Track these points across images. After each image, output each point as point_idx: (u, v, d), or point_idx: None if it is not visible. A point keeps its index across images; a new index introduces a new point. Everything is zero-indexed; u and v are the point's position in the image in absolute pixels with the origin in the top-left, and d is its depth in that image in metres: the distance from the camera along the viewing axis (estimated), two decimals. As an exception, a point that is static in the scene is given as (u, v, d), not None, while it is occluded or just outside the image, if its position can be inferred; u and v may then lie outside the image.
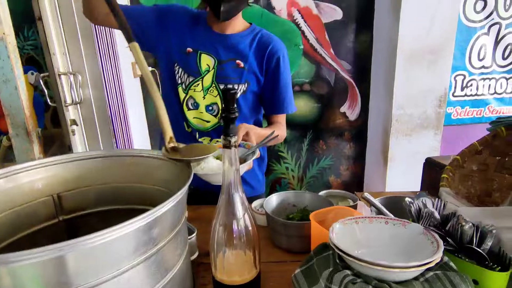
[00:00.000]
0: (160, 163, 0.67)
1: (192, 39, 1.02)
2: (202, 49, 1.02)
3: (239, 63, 1.03)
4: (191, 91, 1.04)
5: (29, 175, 0.64)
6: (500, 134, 0.69)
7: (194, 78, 1.03)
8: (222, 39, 1.03)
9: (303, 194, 0.84)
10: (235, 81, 1.04)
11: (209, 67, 1.02)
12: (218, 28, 1.03)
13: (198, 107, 1.05)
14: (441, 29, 1.60)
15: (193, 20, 1.04)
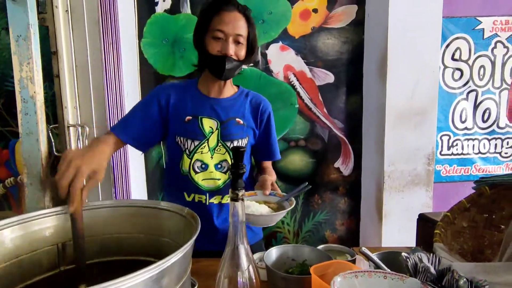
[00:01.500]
0: (167, 215, 0.69)
1: (190, 108, 1.10)
2: (202, 114, 1.10)
3: (239, 121, 1.13)
4: (198, 154, 1.10)
5: (39, 224, 0.66)
6: (485, 193, 0.74)
7: (199, 141, 1.09)
8: (219, 102, 1.12)
9: (302, 248, 0.85)
10: (238, 136, 1.12)
11: (212, 128, 1.10)
12: (215, 94, 1.12)
13: (207, 168, 1.11)
14: (424, 93, 1.76)
15: (184, 91, 1.13)
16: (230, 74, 1.05)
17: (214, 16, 1.02)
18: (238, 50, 1.03)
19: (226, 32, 1.00)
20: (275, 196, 1.04)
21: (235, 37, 1.01)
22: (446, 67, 2.01)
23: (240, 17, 1.03)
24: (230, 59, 1.01)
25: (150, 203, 0.73)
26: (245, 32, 1.03)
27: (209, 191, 1.12)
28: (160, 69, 2.00)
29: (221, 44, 1.01)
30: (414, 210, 1.58)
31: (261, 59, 2.03)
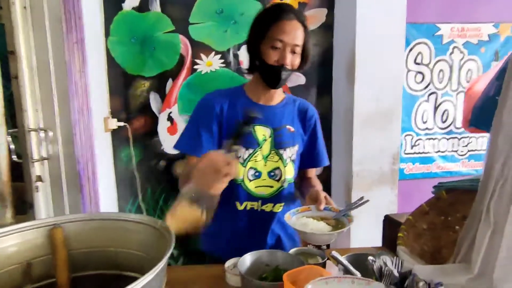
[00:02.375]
0: (140, 227, 0.68)
1: (243, 116, 1.07)
2: (255, 122, 1.08)
3: (290, 128, 1.14)
4: (251, 162, 1.10)
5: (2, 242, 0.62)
6: (442, 197, 0.80)
7: (253, 149, 1.09)
8: (272, 109, 1.12)
9: (275, 253, 0.88)
10: (290, 144, 1.13)
11: (265, 136, 1.10)
12: (265, 101, 1.12)
13: (260, 176, 1.12)
14: (390, 96, 1.84)
15: (234, 100, 1.11)
16: (283, 83, 1.06)
17: (273, 24, 1.01)
18: (294, 60, 1.03)
19: (286, 41, 0.99)
20: (330, 211, 1.02)
21: (292, 47, 1.01)
22: (409, 70, 2.11)
23: (298, 26, 1.01)
24: (286, 69, 1.01)
25: (121, 215, 0.71)
26: (301, 42, 1.03)
27: (261, 198, 1.13)
28: (129, 69, 1.93)
29: (279, 54, 1.01)
30: (380, 207, 1.66)
31: (233, 60, 2.02)
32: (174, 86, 1.99)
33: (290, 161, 1.15)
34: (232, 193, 1.13)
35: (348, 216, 1.01)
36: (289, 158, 1.15)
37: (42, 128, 1.33)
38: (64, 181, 1.40)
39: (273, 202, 1.15)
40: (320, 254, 0.95)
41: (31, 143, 1.30)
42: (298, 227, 0.95)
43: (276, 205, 1.16)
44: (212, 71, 2.02)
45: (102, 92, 1.83)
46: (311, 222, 0.99)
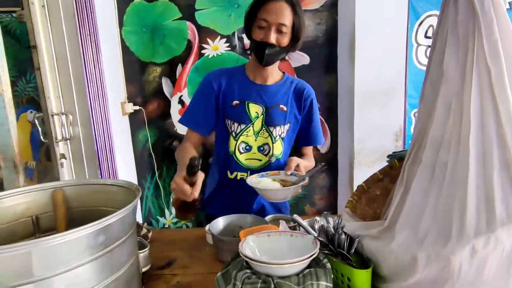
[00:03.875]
0: (119, 189, 0.83)
1: (238, 93, 1.20)
2: (249, 99, 1.20)
3: (282, 107, 1.22)
4: (243, 136, 1.21)
5: (13, 200, 0.79)
6: (395, 165, 0.86)
7: (245, 125, 1.21)
8: (266, 89, 1.21)
9: (246, 216, 0.99)
10: (281, 123, 1.22)
11: (258, 114, 1.20)
12: (261, 80, 1.22)
13: (250, 149, 1.23)
14: (391, 73, 1.83)
15: (233, 77, 1.22)
16: (270, 60, 1.13)
17: (261, 6, 1.10)
18: (281, 38, 1.10)
19: (269, 21, 1.08)
20: (294, 177, 1.10)
21: (277, 26, 1.08)
22: (419, 44, 2.05)
23: (285, 7, 1.09)
24: (271, 46, 1.08)
25: (107, 181, 0.86)
26: (288, 22, 1.09)
27: (250, 169, 1.25)
28: (142, 56, 2.09)
29: (264, 32, 1.09)
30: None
31: (238, 43, 2.10)
32: (183, 70, 2.12)
33: (280, 138, 1.24)
34: (225, 162, 1.26)
35: (303, 180, 1.05)
36: (279, 136, 1.24)
37: (63, 112, 1.53)
38: (84, 159, 1.60)
39: None
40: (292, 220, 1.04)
41: (55, 125, 1.50)
42: (253, 184, 1.03)
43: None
44: (218, 54, 2.12)
45: (119, 79, 2.01)
46: (266, 180, 1.07)
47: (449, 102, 0.57)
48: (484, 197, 0.48)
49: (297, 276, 0.59)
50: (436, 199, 0.53)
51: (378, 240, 0.61)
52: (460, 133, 0.54)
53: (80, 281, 0.58)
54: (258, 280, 0.59)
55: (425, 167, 0.58)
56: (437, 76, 0.60)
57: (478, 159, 0.51)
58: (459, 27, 0.57)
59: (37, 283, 0.54)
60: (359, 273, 0.61)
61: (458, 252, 0.47)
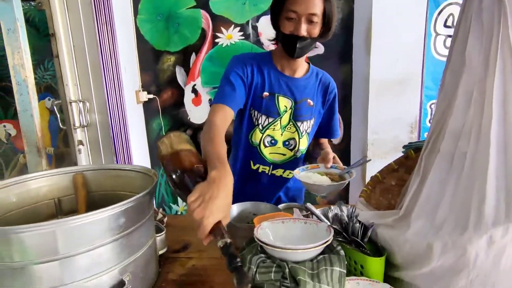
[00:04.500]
0: (136, 175, 0.85)
1: (268, 84, 1.15)
2: (279, 92, 1.15)
3: (310, 102, 1.19)
4: (270, 130, 1.17)
5: (37, 183, 0.83)
6: (411, 155, 0.85)
7: (273, 118, 1.16)
8: (295, 82, 1.17)
9: (260, 204, 1.00)
10: (308, 118, 1.20)
11: (286, 107, 1.16)
12: (289, 72, 1.17)
13: (276, 144, 1.20)
14: (407, 63, 1.79)
15: (262, 65, 1.15)
16: (302, 53, 1.08)
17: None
18: (311, 29, 1.03)
19: (299, 12, 1.00)
20: (336, 169, 1.13)
21: (307, 17, 1.01)
22: (438, 34, 2.00)
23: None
24: (302, 38, 1.02)
25: (126, 167, 0.89)
26: (319, 10, 1.02)
27: (273, 163, 1.23)
28: (156, 45, 2.10)
29: (294, 25, 1.02)
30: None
31: (252, 31, 2.09)
32: (197, 59, 2.13)
33: (306, 133, 1.22)
34: (248, 154, 1.23)
35: (350, 173, 1.09)
36: (305, 131, 1.21)
37: (81, 100, 1.56)
38: (101, 145, 1.64)
39: (283, 168, 1.24)
40: (304, 209, 1.05)
41: (73, 112, 1.54)
42: (304, 179, 1.06)
43: (286, 171, 1.25)
44: (232, 43, 2.11)
45: (134, 68, 2.04)
46: (315, 175, 1.09)
47: (471, 91, 0.56)
48: (504, 188, 0.47)
49: (311, 262, 0.60)
50: (454, 189, 0.53)
51: (393, 228, 0.61)
52: (481, 123, 0.53)
53: (101, 260, 0.61)
54: (272, 264, 0.60)
55: (443, 157, 0.57)
56: (459, 64, 0.59)
57: (499, 149, 0.50)
58: (483, 14, 0.55)
59: (62, 261, 0.56)
60: (373, 260, 0.61)
61: (475, 241, 0.47)
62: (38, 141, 0.83)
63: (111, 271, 0.62)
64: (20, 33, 0.78)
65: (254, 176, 1.26)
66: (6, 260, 0.54)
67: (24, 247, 0.54)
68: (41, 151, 0.85)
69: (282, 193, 1.32)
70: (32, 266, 0.55)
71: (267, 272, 0.60)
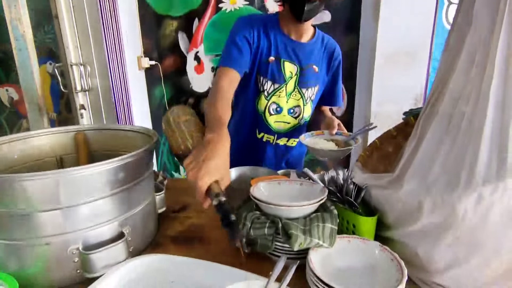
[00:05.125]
0: (136, 135, 0.86)
1: (274, 48, 1.10)
2: (284, 57, 1.11)
3: (315, 68, 1.16)
4: (275, 97, 1.14)
5: (39, 140, 0.84)
6: (410, 122, 0.84)
7: (279, 84, 1.13)
8: (302, 47, 1.12)
9: (258, 168, 1.01)
10: (313, 84, 1.17)
11: (291, 73, 1.13)
12: (296, 36, 1.12)
13: (281, 111, 1.17)
14: (416, 35, 1.73)
15: (269, 28, 1.10)
16: (309, 15, 1.04)
17: None
18: None
19: None
20: (341, 136, 1.12)
21: None
22: (450, 3, 1.92)
23: None
24: (310, 0, 0.98)
25: (126, 127, 0.90)
26: None
27: (277, 132, 1.21)
28: (158, 9, 2.05)
29: None
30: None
31: (257, -3, 2.02)
32: (200, 25, 2.08)
33: (310, 100, 1.20)
34: (253, 122, 1.20)
35: (356, 139, 1.09)
36: (309, 98, 1.19)
37: (82, 63, 1.55)
38: (103, 110, 1.64)
39: (287, 137, 1.23)
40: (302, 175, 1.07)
41: (74, 76, 1.53)
42: (310, 145, 1.06)
43: (290, 140, 1.24)
44: (236, 9, 2.05)
45: (135, 33, 1.99)
46: (321, 141, 1.09)
47: (474, 51, 0.55)
48: (498, 146, 0.47)
49: (304, 219, 0.62)
50: (449, 149, 0.53)
51: (386, 189, 0.62)
52: (482, 84, 0.53)
53: (101, 212, 0.63)
54: (266, 220, 0.62)
55: (441, 118, 0.57)
56: (465, 24, 0.57)
57: (496, 108, 0.50)
58: (494, -31, 0.53)
59: (64, 210, 0.59)
60: (364, 220, 0.63)
61: (464, 199, 0.48)
62: (39, 99, 0.83)
63: (111, 223, 0.65)
64: (16, -14, 0.76)
65: (258, 145, 1.25)
66: (11, 207, 0.56)
67: (27, 195, 0.56)
68: (42, 109, 0.85)
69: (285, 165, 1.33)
70: (35, 213, 0.57)
71: (261, 227, 0.62)
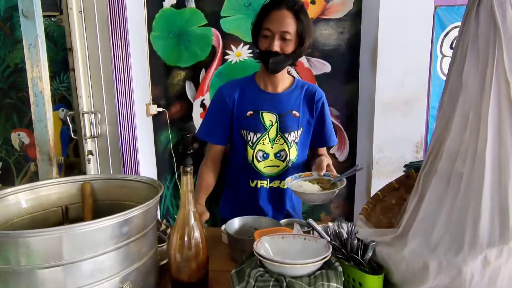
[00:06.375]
0: (142, 185, 0.87)
1: (251, 104, 1.24)
2: (262, 109, 1.24)
3: (295, 113, 1.25)
4: (260, 145, 1.25)
5: (47, 190, 0.86)
6: (411, 175, 0.86)
7: (261, 133, 1.24)
8: (277, 97, 1.25)
9: (261, 218, 1.01)
10: (295, 128, 1.26)
11: (272, 122, 1.24)
12: (272, 88, 1.25)
13: (268, 157, 1.26)
14: (413, 83, 1.81)
15: (245, 88, 1.27)
16: (277, 68, 1.16)
17: (265, 16, 1.15)
18: (285, 46, 1.13)
19: (273, 30, 1.11)
20: (329, 177, 1.13)
21: (281, 34, 1.11)
22: (444, 56, 2.02)
23: (288, 14, 1.12)
24: (275, 54, 1.11)
25: (132, 177, 0.91)
26: (292, 29, 1.11)
27: (269, 176, 1.29)
28: (168, 60, 2.17)
29: (268, 41, 1.13)
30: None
31: (261, 50, 2.15)
32: (206, 75, 2.19)
33: (294, 143, 1.27)
34: (245, 172, 1.29)
35: (341, 180, 1.09)
36: (293, 141, 1.27)
37: (93, 111, 1.62)
38: (110, 156, 1.68)
39: (280, 179, 1.29)
40: (306, 225, 1.05)
41: (84, 123, 1.59)
42: (294, 188, 1.07)
43: (283, 182, 1.29)
44: (241, 60, 2.17)
45: (145, 82, 2.10)
46: (306, 184, 1.09)
47: (467, 113, 0.58)
48: (499, 208, 0.48)
49: (309, 277, 0.61)
50: (450, 209, 0.53)
51: (390, 246, 0.61)
52: (477, 145, 0.55)
53: (104, 267, 0.63)
54: (270, 278, 0.61)
55: (440, 177, 0.58)
56: (456, 86, 0.61)
57: (494, 171, 0.51)
58: (479, 39, 0.58)
59: (66, 266, 0.58)
60: (371, 278, 0.62)
61: (470, 262, 0.47)
62: (50, 151, 0.86)
63: (113, 278, 0.64)
64: (40, 48, 0.83)
65: (254, 193, 1.30)
66: (12, 264, 0.56)
67: (30, 251, 0.56)
68: (53, 160, 0.88)
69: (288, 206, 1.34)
70: (37, 270, 0.57)
71: (265, 286, 0.61)
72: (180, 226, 0.72)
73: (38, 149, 0.86)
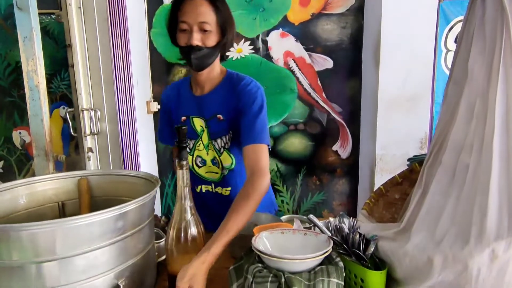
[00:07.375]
0: (139, 181, 0.86)
1: (183, 108, 1.14)
2: (192, 113, 1.12)
3: (219, 117, 1.09)
4: (197, 151, 1.15)
5: (43, 185, 0.84)
6: (415, 169, 0.83)
7: (195, 139, 1.14)
8: (202, 100, 1.10)
9: (261, 215, 0.99)
10: (222, 134, 1.11)
11: (202, 127, 1.12)
12: (199, 90, 1.11)
13: (205, 163, 1.16)
14: (417, 80, 1.78)
15: (180, 91, 1.17)
16: (201, 64, 1.00)
17: (178, 8, 0.99)
18: (205, 38, 0.98)
19: (189, 22, 0.96)
20: None
21: (199, 25, 0.96)
22: (448, 50, 1.99)
23: (203, 3, 0.97)
24: (196, 48, 0.96)
25: (129, 172, 0.90)
26: (210, 18, 0.97)
27: (213, 182, 1.18)
28: (168, 57, 2.16)
29: (187, 36, 0.97)
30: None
31: (262, 45, 2.13)
32: (207, 72, 2.17)
33: (225, 150, 1.13)
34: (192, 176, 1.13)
35: None
36: (223, 148, 1.12)
37: (92, 108, 1.61)
38: (110, 153, 1.67)
39: (221, 186, 1.18)
40: (307, 221, 1.03)
41: (84, 120, 1.57)
42: None
43: (223, 189, 1.17)
44: (242, 57, 2.15)
45: (146, 79, 2.09)
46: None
47: (473, 103, 0.55)
48: (507, 200, 0.46)
49: (309, 273, 0.59)
50: (456, 202, 0.51)
51: (393, 241, 0.59)
52: (484, 136, 0.52)
53: (98, 263, 0.61)
54: (269, 274, 0.59)
55: (445, 169, 0.56)
56: (461, 76, 0.59)
57: (501, 162, 0.49)
58: (486, 25, 0.55)
59: (60, 261, 0.57)
60: (373, 274, 0.60)
61: (477, 256, 0.45)
62: (47, 146, 0.85)
63: (107, 274, 0.62)
64: (35, 41, 0.82)
65: (203, 198, 1.20)
66: (4, 258, 0.55)
67: (22, 246, 0.54)
68: (49, 155, 0.87)
69: None
70: (29, 265, 0.55)
71: (263, 282, 0.59)
72: (176, 221, 0.71)
73: (34, 145, 0.85)
